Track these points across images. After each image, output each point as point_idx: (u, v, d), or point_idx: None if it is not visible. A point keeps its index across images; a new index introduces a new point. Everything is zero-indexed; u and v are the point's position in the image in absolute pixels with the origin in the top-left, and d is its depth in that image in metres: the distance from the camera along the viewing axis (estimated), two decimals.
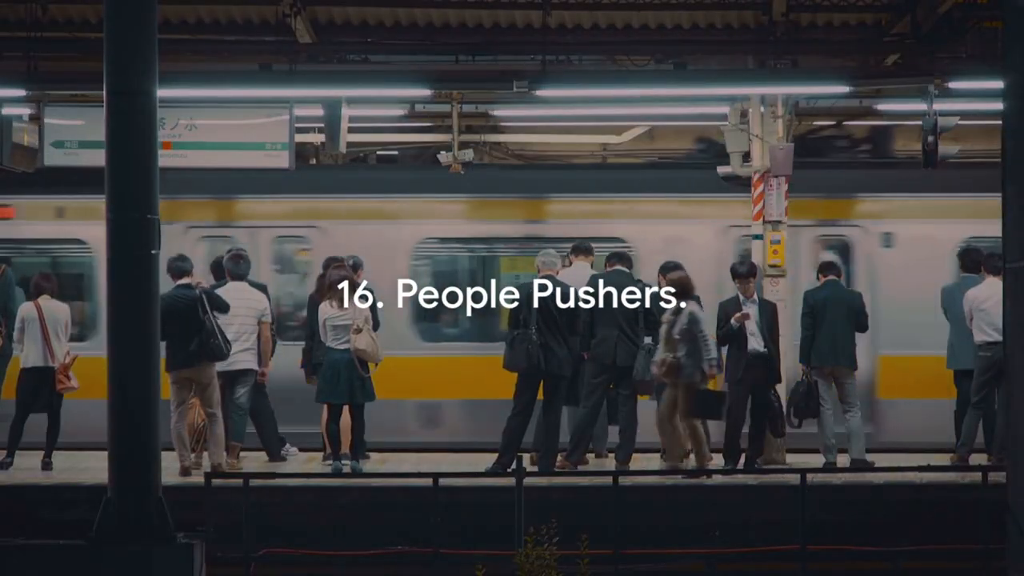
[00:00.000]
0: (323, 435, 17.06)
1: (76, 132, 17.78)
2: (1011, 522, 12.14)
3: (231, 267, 17.35)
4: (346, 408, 16.74)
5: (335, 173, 20.69)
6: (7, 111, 18.16)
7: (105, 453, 12.15)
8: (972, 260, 17.52)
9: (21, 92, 17.52)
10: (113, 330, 12.07)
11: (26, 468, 16.98)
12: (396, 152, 23.00)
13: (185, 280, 16.74)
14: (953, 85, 17.09)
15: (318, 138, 20.60)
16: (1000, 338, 15.16)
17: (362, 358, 16.55)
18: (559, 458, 16.79)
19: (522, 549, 13.08)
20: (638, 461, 17.11)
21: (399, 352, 18.23)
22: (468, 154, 19.84)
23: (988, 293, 16.75)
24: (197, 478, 15.46)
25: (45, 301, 17.30)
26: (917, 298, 18.28)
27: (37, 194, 19.20)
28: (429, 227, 19.33)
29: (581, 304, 16.71)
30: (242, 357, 17.04)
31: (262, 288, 17.67)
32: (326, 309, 16.70)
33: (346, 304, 16.60)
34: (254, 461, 17.54)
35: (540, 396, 16.65)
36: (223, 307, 16.66)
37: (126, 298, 12.05)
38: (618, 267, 17.16)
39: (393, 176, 20.57)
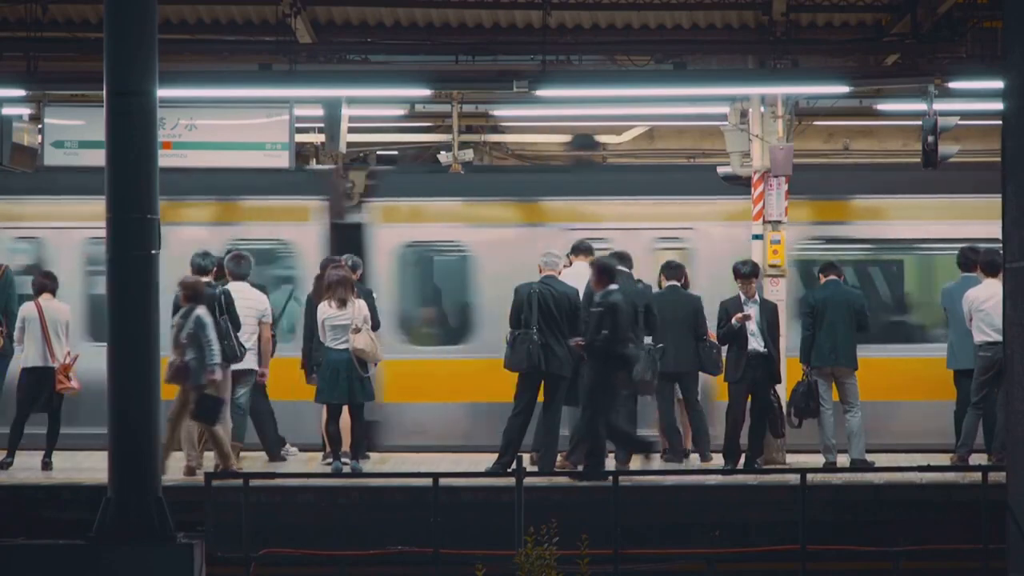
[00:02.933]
0: (323, 435, 17.07)
1: (76, 132, 17.78)
2: (1011, 522, 12.14)
3: (232, 267, 17.31)
4: (346, 408, 16.76)
5: None
6: (7, 111, 18.16)
7: (105, 453, 12.17)
8: (971, 260, 17.51)
9: (21, 92, 17.53)
10: (113, 330, 12.08)
11: (26, 468, 16.98)
12: (396, 152, 23.01)
13: (206, 279, 16.72)
14: (953, 85, 17.09)
15: (318, 138, 20.61)
16: (999, 338, 15.16)
17: (361, 358, 16.55)
18: (559, 458, 16.79)
19: (522, 549, 13.07)
20: (638, 461, 17.11)
21: None
22: (468, 154, 19.84)
23: (988, 293, 16.74)
24: (198, 478, 15.46)
25: (46, 300, 17.28)
26: None
27: None
28: None
29: (581, 304, 16.70)
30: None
31: (262, 289, 17.66)
32: (325, 309, 16.68)
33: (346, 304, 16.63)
34: (254, 461, 17.54)
35: (540, 396, 16.68)
36: (236, 322, 16.59)
37: (126, 298, 12.06)
38: (618, 267, 17.13)
39: None
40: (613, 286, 16.25)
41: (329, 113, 17.99)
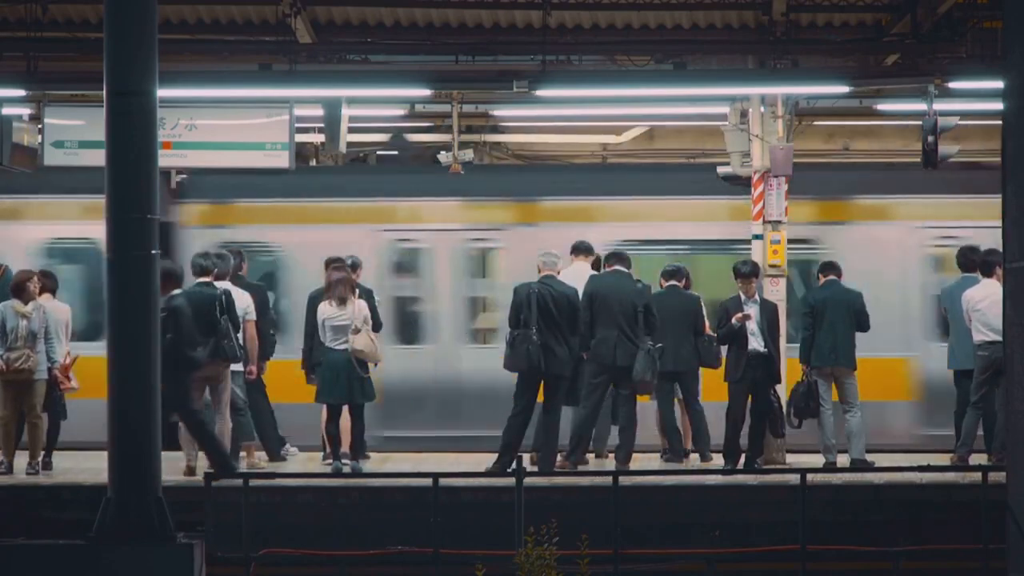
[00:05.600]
0: (323, 435, 17.07)
1: (76, 132, 17.77)
2: (1011, 522, 12.15)
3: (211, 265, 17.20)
4: (346, 408, 16.76)
5: None
6: (7, 111, 18.16)
7: (105, 453, 12.17)
8: (971, 260, 17.51)
9: (21, 92, 17.52)
10: (113, 330, 12.08)
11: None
12: (396, 152, 23.02)
13: (205, 279, 16.71)
14: (953, 85, 17.09)
15: (318, 138, 20.61)
16: (997, 338, 15.17)
17: (360, 358, 16.55)
18: (559, 458, 16.80)
19: (522, 549, 13.08)
20: (638, 461, 17.12)
21: None
22: (468, 154, 19.84)
23: (985, 293, 16.75)
24: (198, 478, 15.46)
25: (46, 301, 17.27)
26: None
27: None
28: None
29: (580, 304, 16.72)
30: None
31: (258, 289, 17.63)
32: (325, 309, 16.69)
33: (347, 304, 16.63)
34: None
35: (540, 396, 16.68)
36: (236, 323, 16.58)
37: (126, 298, 12.07)
38: (617, 267, 17.15)
39: None
40: (177, 291, 16.32)
41: (329, 113, 17.99)
